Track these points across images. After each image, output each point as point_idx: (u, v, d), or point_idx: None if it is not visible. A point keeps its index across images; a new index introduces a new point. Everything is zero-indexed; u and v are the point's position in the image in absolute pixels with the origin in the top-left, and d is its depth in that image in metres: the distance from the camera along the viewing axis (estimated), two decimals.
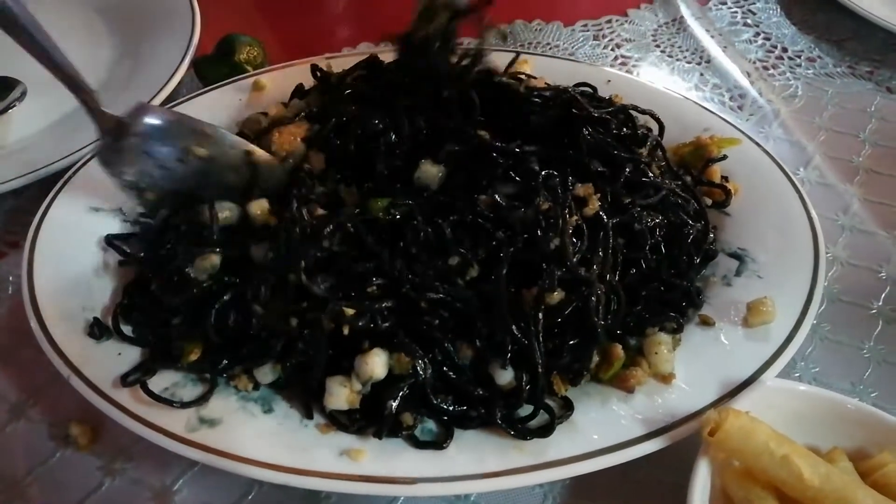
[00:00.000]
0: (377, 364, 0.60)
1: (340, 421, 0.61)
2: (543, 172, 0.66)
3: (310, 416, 0.61)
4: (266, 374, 0.63)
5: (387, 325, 0.62)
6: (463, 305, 0.63)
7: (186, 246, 0.68)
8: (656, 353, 0.64)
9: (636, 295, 0.68)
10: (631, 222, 0.69)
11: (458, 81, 0.72)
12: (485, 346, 0.62)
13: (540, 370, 0.61)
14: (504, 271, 0.63)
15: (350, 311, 0.61)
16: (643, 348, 0.65)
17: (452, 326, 0.63)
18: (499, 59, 0.91)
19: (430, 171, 0.68)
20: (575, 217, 0.65)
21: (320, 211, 0.67)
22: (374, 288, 0.63)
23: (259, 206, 0.69)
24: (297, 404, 0.62)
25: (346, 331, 0.61)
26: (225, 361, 0.64)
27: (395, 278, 0.63)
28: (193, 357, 0.64)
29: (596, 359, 0.65)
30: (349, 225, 0.65)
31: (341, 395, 0.60)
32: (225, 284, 0.66)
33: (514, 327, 0.61)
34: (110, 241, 0.74)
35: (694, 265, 0.72)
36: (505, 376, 0.62)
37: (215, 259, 0.66)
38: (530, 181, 0.66)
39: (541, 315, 0.61)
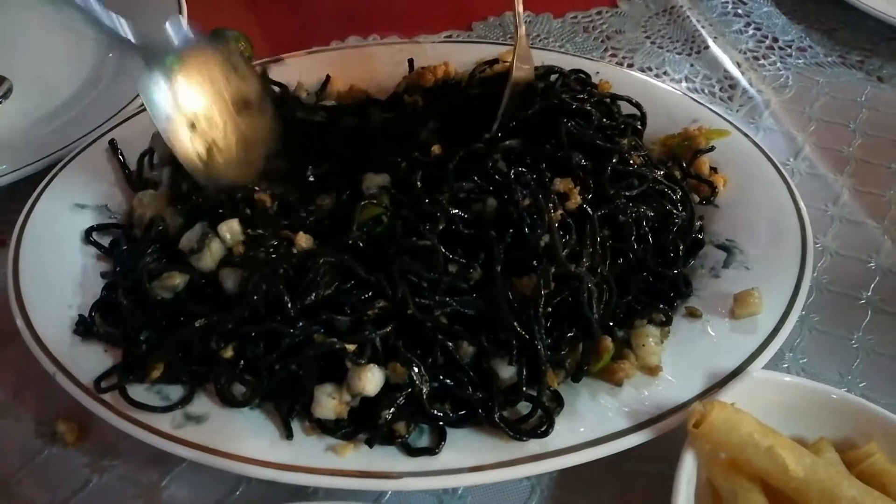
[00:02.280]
0: (370, 381, 0.59)
1: (327, 426, 0.60)
2: (513, 171, 0.66)
3: (289, 436, 0.59)
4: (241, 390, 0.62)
5: (388, 342, 0.61)
6: (469, 310, 0.62)
7: (152, 260, 0.67)
8: (644, 346, 0.64)
9: (625, 285, 0.68)
10: (615, 214, 0.68)
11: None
12: (488, 344, 0.62)
13: (543, 367, 0.60)
14: (499, 268, 0.62)
15: (351, 347, 0.60)
16: (630, 340, 0.65)
17: (454, 329, 0.62)
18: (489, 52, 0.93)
19: (374, 180, 0.69)
20: (559, 212, 0.65)
21: (303, 242, 0.65)
22: (375, 310, 0.62)
23: (230, 229, 0.65)
24: (277, 421, 0.60)
25: (348, 365, 0.59)
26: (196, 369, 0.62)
27: (396, 300, 0.62)
28: (156, 374, 0.61)
29: None
30: (333, 259, 0.63)
31: (329, 405, 0.59)
32: (188, 311, 0.64)
33: (515, 323, 0.61)
34: (89, 234, 0.73)
35: (680, 254, 0.72)
36: (508, 371, 0.61)
37: (178, 280, 0.65)
38: (495, 179, 0.66)
39: (541, 311, 0.61)
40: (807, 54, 1.12)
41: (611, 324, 0.66)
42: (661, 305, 0.67)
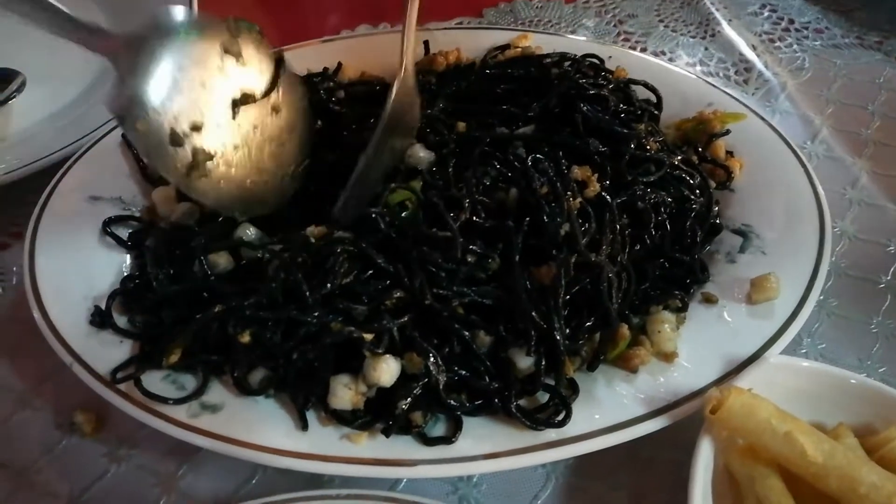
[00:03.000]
0: (386, 371, 0.58)
1: (343, 416, 0.59)
2: (530, 158, 0.65)
3: (304, 428, 0.59)
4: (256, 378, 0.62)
5: (405, 332, 0.61)
6: (487, 299, 0.62)
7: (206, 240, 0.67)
8: (659, 332, 0.63)
9: (642, 272, 0.67)
10: (634, 201, 0.68)
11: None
12: (506, 333, 0.61)
13: (563, 358, 0.60)
14: (517, 258, 0.62)
15: (369, 336, 0.59)
16: (646, 327, 0.65)
17: (471, 319, 0.62)
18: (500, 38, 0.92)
19: (419, 154, 0.69)
20: (578, 200, 0.64)
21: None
22: (393, 300, 0.61)
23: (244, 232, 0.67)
24: (292, 410, 0.60)
25: (365, 354, 0.59)
26: (213, 358, 0.63)
27: (414, 290, 0.61)
28: (174, 359, 0.62)
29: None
30: (353, 248, 0.62)
31: (345, 396, 0.59)
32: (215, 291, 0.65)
33: (534, 314, 0.60)
34: (107, 226, 0.74)
35: (698, 240, 0.71)
36: (525, 361, 0.61)
37: (223, 260, 0.66)
38: (514, 166, 0.66)
39: (560, 302, 0.61)
40: (824, 36, 1.10)
41: (627, 311, 0.65)
42: (677, 291, 0.67)
